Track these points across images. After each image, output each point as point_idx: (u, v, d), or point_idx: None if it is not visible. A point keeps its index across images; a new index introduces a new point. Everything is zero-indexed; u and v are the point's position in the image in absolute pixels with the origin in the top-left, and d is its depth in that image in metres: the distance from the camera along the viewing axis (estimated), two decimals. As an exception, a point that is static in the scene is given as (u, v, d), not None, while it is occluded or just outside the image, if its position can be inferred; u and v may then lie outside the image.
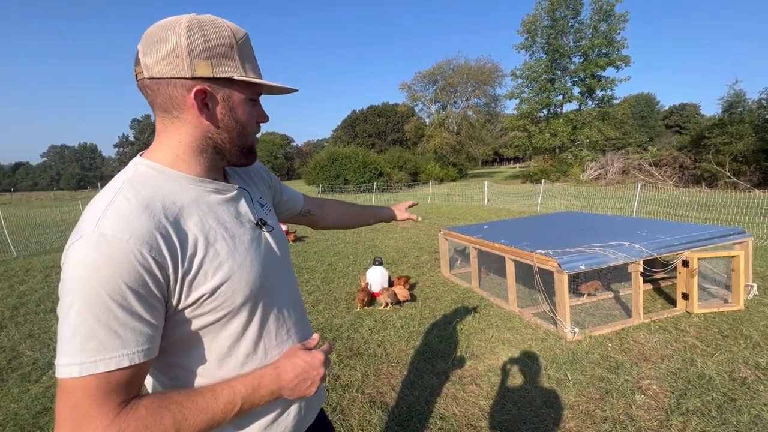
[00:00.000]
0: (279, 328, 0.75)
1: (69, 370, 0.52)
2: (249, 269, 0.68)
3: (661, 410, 2.14)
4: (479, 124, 35.04)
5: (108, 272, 0.53)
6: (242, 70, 0.65)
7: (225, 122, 0.67)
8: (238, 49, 0.65)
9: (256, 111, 0.72)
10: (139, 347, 0.55)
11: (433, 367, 2.71)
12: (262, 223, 0.77)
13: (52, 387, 2.63)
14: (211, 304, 0.63)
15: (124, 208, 0.58)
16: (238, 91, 0.67)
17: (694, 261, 3.23)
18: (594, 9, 25.14)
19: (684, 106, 52.31)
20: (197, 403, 0.59)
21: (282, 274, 0.79)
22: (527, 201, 13.22)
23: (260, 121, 0.74)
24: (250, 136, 0.72)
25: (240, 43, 0.65)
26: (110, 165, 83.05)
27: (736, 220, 7.72)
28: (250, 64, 0.67)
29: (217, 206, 0.69)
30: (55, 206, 21.28)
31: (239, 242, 0.69)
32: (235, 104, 0.67)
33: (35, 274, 5.84)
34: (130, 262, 0.54)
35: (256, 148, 0.75)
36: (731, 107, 18.22)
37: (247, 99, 0.68)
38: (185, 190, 0.66)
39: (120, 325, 0.54)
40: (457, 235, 4.54)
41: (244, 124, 0.69)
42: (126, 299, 0.54)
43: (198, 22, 0.62)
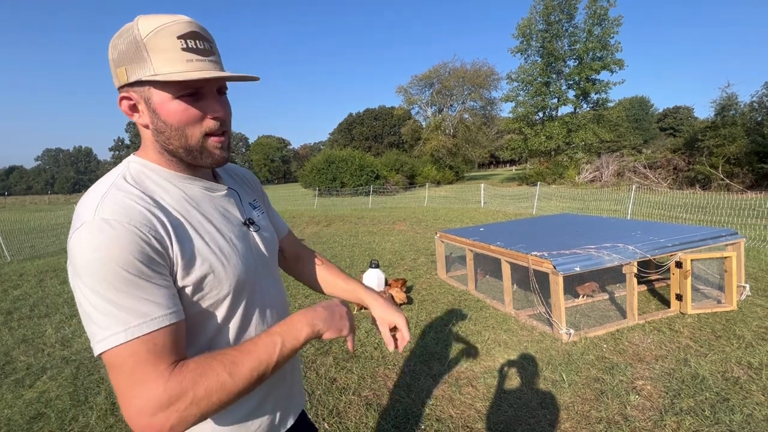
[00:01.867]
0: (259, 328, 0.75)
1: (115, 338, 0.54)
2: (234, 263, 0.69)
3: (656, 410, 2.16)
4: (475, 127, 35.17)
5: (117, 251, 0.55)
6: (152, 69, 0.60)
7: (155, 124, 0.65)
8: (146, 47, 0.59)
9: (200, 106, 0.64)
10: (170, 309, 0.58)
11: (429, 369, 2.71)
12: (249, 222, 0.78)
13: (46, 392, 2.62)
14: (198, 294, 0.65)
15: (119, 198, 0.60)
16: (157, 92, 0.62)
17: (687, 262, 3.26)
18: (588, 13, 25.41)
19: (677, 108, 52.85)
20: (240, 350, 0.61)
21: (268, 275, 0.80)
22: (523, 203, 13.28)
23: (211, 115, 0.65)
24: (189, 135, 0.65)
25: (148, 38, 0.59)
26: (105, 168, 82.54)
27: (728, 221, 7.79)
28: (169, 57, 0.60)
29: (203, 202, 0.70)
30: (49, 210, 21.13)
31: (225, 237, 0.70)
32: (156, 105, 0.63)
33: (29, 278, 5.80)
34: (135, 241, 0.56)
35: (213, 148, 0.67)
36: (724, 110, 18.43)
37: (173, 97, 0.62)
38: (173, 185, 0.68)
39: (146, 292, 0.56)
40: (454, 238, 4.56)
41: (173, 124, 0.63)
42: (142, 271, 0.56)
43: (121, 30, 0.62)
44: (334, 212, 13.46)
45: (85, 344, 3.35)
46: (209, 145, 0.67)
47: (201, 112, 0.65)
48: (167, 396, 0.53)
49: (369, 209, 14.36)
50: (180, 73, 0.60)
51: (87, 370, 2.90)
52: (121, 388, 0.55)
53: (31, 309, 4.38)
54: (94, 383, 2.70)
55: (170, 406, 0.53)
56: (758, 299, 3.60)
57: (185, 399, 0.54)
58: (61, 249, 8.50)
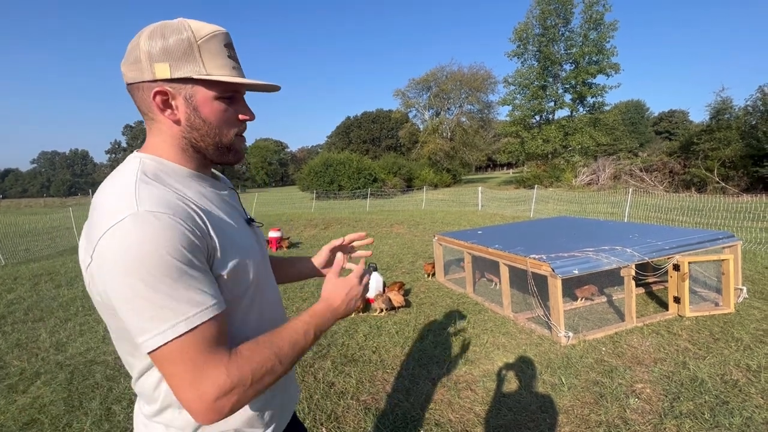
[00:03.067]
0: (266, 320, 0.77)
1: (174, 329, 0.55)
2: (252, 257, 0.73)
3: (655, 414, 2.15)
4: (472, 131, 35.29)
5: (168, 242, 0.55)
6: (204, 69, 0.65)
7: (191, 121, 0.67)
8: (200, 49, 0.64)
9: (235, 108, 0.71)
10: (217, 298, 0.60)
11: (428, 372, 2.70)
12: (251, 220, 0.82)
13: (39, 398, 2.58)
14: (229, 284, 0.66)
15: (154, 191, 0.60)
16: (203, 90, 0.66)
17: (684, 265, 3.27)
18: (584, 18, 25.62)
19: (673, 112, 53.22)
20: (282, 335, 0.66)
21: (269, 270, 0.84)
22: (521, 206, 13.31)
23: (242, 118, 0.72)
24: (224, 133, 0.70)
25: (201, 41, 0.64)
26: (102, 171, 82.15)
27: (725, 224, 7.84)
28: (218, 62, 0.66)
29: (215, 200, 0.72)
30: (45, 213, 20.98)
31: (240, 234, 0.73)
32: (199, 103, 0.66)
33: (24, 282, 5.74)
34: (181, 231, 0.57)
35: (240, 146, 0.74)
36: (718, 114, 18.59)
37: (216, 97, 0.67)
38: (190, 182, 0.69)
39: (197, 282, 0.58)
40: (452, 241, 4.55)
41: (213, 123, 0.68)
42: (191, 261, 0.57)
43: (161, 26, 0.65)
44: (331, 215, 13.43)
45: (80, 348, 3.31)
46: (237, 143, 0.73)
47: (235, 116, 0.71)
48: (230, 381, 0.57)
49: (367, 212, 14.34)
50: (229, 77, 0.66)
51: (82, 375, 2.86)
52: (181, 377, 0.56)
53: (25, 313, 4.33)
54: (89, 388, 2.67)
55: (232, 390, 0.57)
56: (755, 302, 3.61)
57: (245, 383, 0.58)
58: (56, 252, 8.44)
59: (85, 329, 3.76)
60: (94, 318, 4.05)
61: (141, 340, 0.56)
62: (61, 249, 8.84)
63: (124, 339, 0.67)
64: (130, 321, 0.56)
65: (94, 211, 0.61)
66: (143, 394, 0.71)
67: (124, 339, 0.67)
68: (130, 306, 0.55)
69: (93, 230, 0.59)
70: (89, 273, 0.61)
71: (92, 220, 0.60)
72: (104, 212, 0.58)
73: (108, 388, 2.66)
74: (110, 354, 3.19)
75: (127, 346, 0.67)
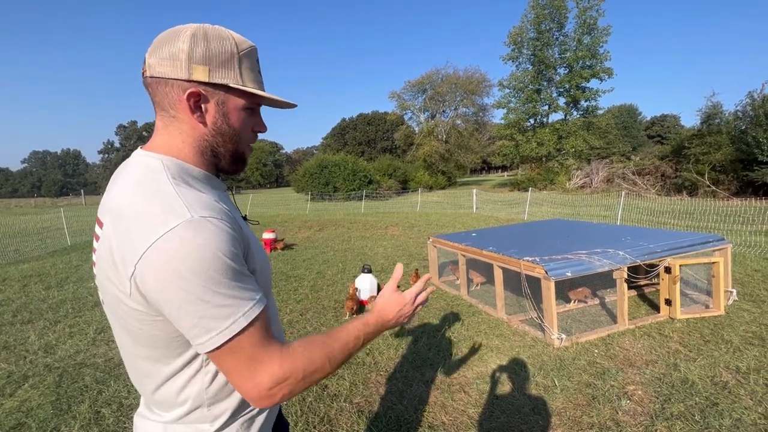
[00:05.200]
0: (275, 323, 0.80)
1: (237, 324, 0.59)
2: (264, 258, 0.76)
3: (647, 415, 2.17)
4: (468, 133, 35.44)
5: (224, 245, 0.59)
6: (240, 79, 0.68)
7: (218, 126, 0.69)
8: (239, 60, 0.68)
9: (253, 120, 0.74)
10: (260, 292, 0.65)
11: (421, 375, 2.69)
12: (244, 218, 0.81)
13: (27, 401, 2.54)
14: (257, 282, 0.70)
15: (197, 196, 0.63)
16: (234, 98, 0.69)
17: (676, 267, 3.31)
18: (578, 23, 25.90)
19: (665, 117, 53.88)
20: (335, 338, 0.71)
21: None
22: (515, 209, 13.38)
23: (256, 130, 0.76)
24: (243, 142, 0.74)
25: (242, 54, 0.69)
26: (94, 171, 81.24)
27: (715, 227, 7.94)
28: (251, 75, 0.70)
29: (227, 201, 0.74)
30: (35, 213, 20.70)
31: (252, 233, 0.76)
32: (230, 110, 0.69)
33: (12, 283, 5.65)
34: (230, 234, 0.61)
35: (248, 158, 0.77)
36: (709, 119, 18.86)
37: (244, 107, 0.70)
38: (208, 185, 0.71)
39: (247, 280, 0.63)
40: (446, 243, 4.56)
41: (237, 130, 0.71)
42: (241, 262, 0.63)
43: (204, 31, 0.66)
44: (326, 217, 13.40)
45: (69, 351, 3.27)
46: (247, 152, 0.76)
47: (253, 127, 0.75)
48: (283, 373, 0.62)
49: (362, 214, 14.33)
50: (261, 92, 0.70)
51: (71, 377, 2.82)
52: (241, 369, 0.61)
53: (13, 315, 4.26)
54: (78, 391, 2.63)
55: (285, 381, 0.62)
56: (745, 304, 3.66)
57: (296, 376, 0.64)
58: (47, 253, 8.32)
59: (74, 331, 3.70)
60: (84, 320, 4.00)
61: (204, 339, 0.59)
62: (51, 250, 8.71)
63: (150, 346, 0.66)
64: (190, 324, 0.58)
65: (130, 221, 0.59)
66: (165, 401, 0.70)
67: (151, 345, 0.65)
68: (191, 309, 0.57)
69: (135, 238, 0.57)
70: (133, 282, 0.58)
71: (130, 228, 0.59)
72: (149, 219, 0.58)
73: (97, 391, 2.62)
74: (100, 356, 3.14)
75: (152, 352, 0.66)
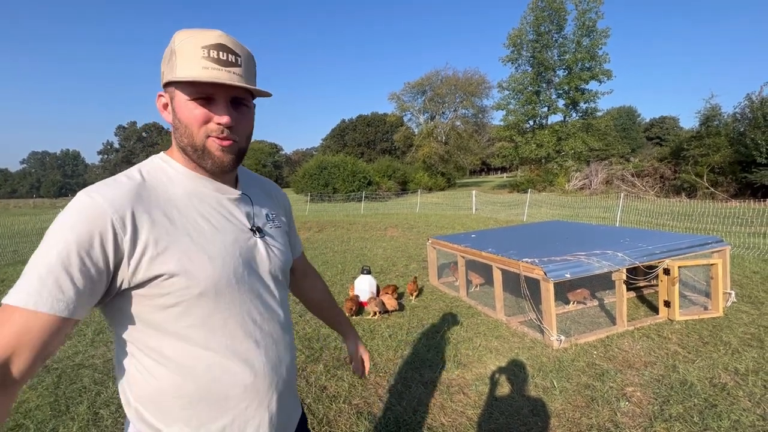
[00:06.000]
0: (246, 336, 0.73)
1: None
2: (218, 262, 0.69)
3: (645, 417, 2.17)
4: (467, 135, 35.48)
5: (74, 224, 0.61)
6: (175, 72, 0.66)
7: (174, 122, 0.71)
8: (177, 53, 0.66)
9: (208, 110, 0.68)
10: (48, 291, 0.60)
11: (420, 376, 2.69)
12: (257, 229, 0.79)
13: (25, 402, 2.53)
14: (170, 287, 0.65)
15: (117, 182, 0.66)
16: (179, 92, 0.68)
17: (674, 269, 3.31)
18: (577, 25, 25.97)
19: (664, 118, 53.95)
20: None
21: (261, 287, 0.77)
22: (514, 210, 13.39)
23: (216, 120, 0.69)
24: (195, 134, 0.69)
25: (178, 45, 0.66)
26: (93, 172, 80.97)
27: (714, 229, 7.95)
28: (189, 63, 0.65)
29: (208, 202, 0.74)
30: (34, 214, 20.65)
31: (218, 239, 0.71)
32: (177, 105, 0.69)
33: (11, 284, 5.60)
34: (92, 223, 0.61)
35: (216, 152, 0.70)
36: (708, 120, 18.90)
37: (190, 98, 0.67)
38: (182, 182, 0.72)
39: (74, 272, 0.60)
40: (446, 244, 4.56)
41: (184, 122, 0.69)
42: (85, 248, 0.61)
43: None
44: (326, 218, 13.40)
45: (68, 352, 3.26)
46: (209, 145, 0.70)
47: (206, 115, 0.69)
48: None
49: (361, 215, 14.33)
50: (189, 76, 0.66)
51: (69, 378, 2.82)
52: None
53: (12, 316, 4.25)
54: (76, 392, 2.62)
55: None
56: (743, 306, 3.66)
57: None
58: (46, 254, 8.29)
59: (73, 332, 3.70)
60: (83, 321, 3.99)
61: None
62: (50, 250, 8.69)
63: None
64: None
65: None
66: None
67: None
68: None
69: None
70: None
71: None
72: None
73: (96, 392, 2.61)
74: (98, 357, 3.14)
75: None
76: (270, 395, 0.76)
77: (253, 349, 0.73)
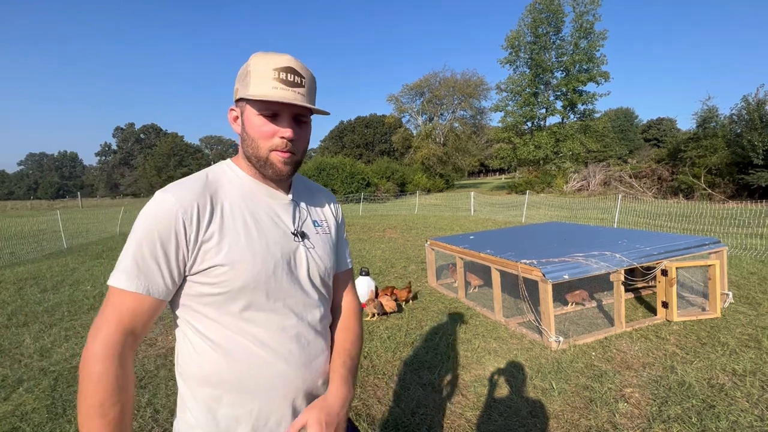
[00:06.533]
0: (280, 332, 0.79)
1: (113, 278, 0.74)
2: (258, 261, 0.77)
3: (644, 418, 2.17)
4: (465, 136, 35.56)
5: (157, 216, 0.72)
6: (248, 90, 0.76)
7: (242, 134, 0.80)
8: (252, 73, 0.76)
9: (274, 125, 0.78)
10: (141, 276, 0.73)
11: (419, 378, 2.69)
12: (300, 234, 0.86)
13: (22, 405, 2.51)
14: (218, 277, 0.74)
15: (187, 182, 0.77)
16: (249, 108, 0.77)
17: (672, 270, 3.32)
18: (575, 27, 26.10)
19: (661, 120, 54.22)
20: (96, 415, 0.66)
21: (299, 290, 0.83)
22: (512, 211, 13.42)
23: (280, 135, 0.78)
24: (260, 146, 0.78)
25: (253, 66, 0.76)
26: (91, 174, 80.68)
27: (711, 230, 7.98)
28: (260, 83, 0.75)
29: (260, 204, 0.82)
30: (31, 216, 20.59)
31: (262, 237, 0.79)
32: (247, 118, 0.78)
33: (8, 286, 5.61)
34: (167, 218, 0.72)
35: (278, 164, 0.79)
36: (705, 122, 18.98)
37: (257, 114, 0.77)
38: (241, 185, 0.82)
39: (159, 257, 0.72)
40: (444, 245, 4.57)
41: (252, 136, 0.78)
42: (167, 238, 0.72)
43: None
44: (324, 219, 13.35)
45: (65, 354, 3.24)
46: (273, 157, 0.79)
47: (273, 130, 0.78)
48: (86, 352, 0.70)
49: (360, 216, 14.33)
50: (260, 94, 0.75)
51: (66, 381, 2.80)
52: None
53: (8, 318, 4.23)
54: (73, 395, 2.61)
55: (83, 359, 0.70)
56: (741, 306, 3.67)
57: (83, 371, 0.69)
58: (43, 256, 8.27)
59: (70, 334, 3.68)
60: (80, 323, 3.98)
61: None
62: (47, 252, 8.66)
63: None
64: None
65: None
66: None
67: None
68: None
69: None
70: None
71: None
72: None
73: (93, 395, 2.60)
74: (96, 360, 3.12)
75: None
76: (295, 391, 0.80)
77: (284, 345, 0.79)
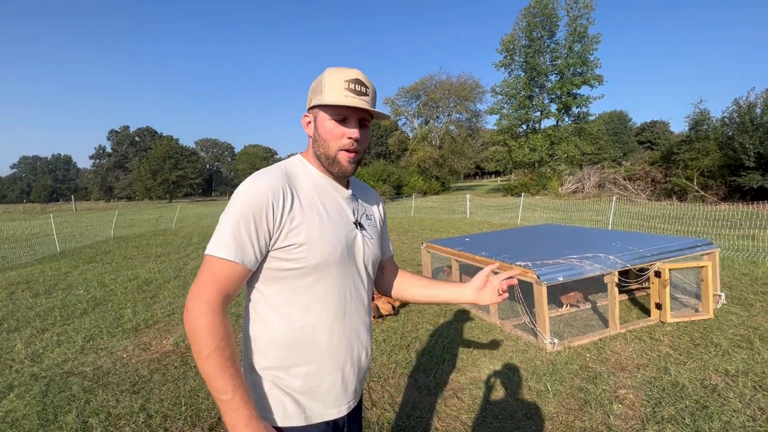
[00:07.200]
0: (338, 307, 0.92)
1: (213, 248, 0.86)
2: (330, 243, 0.89)
3: (638, 419, 2.18)
4: (461, 139, 35.70)
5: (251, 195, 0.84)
6: (322, 98, 0.88)
7: (315, 135, 0.93)
8: (325, 84, 0.89)
9: (342, 128, 0.90)
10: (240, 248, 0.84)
11: (414, 381, 2.69)
12: (359, 224, 0.99)
13: (12, 411, 2.48)
14: (297, 254, 0.86)
15: (272, 171, 0.90)
16: (321, 113, 0.91)
17: (666, 271, 3.35)
18: (569, 30, 26.35)
19: (654, 123, 54.72)
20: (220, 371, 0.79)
21: (355, 272, 0.96)
22: (508, 214, 13.47)
23: (347, 135, 0.90)
24: (330, 146, 0.91)
25: (327, 80, 0.89)
26: (85, 177, 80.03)
27: (704, 231, 8.06)
28: (332, 91, 0.88)
29: (328, 196, 0.95)
30: (24, 219, 20.38)
31: (332, 224, 0.91)
32: (319, 122, 0.92)
33: (1, 290, 5.55)
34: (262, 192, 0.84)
35: (345, 162, 0.91)
36: (697, 125, 19.19)
37: (329, 118, 0.90)
38: (311, 177, 0.95)
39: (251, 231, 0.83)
40: (440, 248, 4.57)
41: (323, 137, 0.91)
42: (260, 216, 0.83)
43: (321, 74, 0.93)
44: (320, 222, 13.31)
45: (57, 360, 3.21)
46: (340, 156, 0.91)
47: (342, 132, 0.90)
48: (189, 314, 0.81)
49: (356, 219, 14.27)
50: (335, 101, 0.87)
51: (58, 387, 2.77)
52: None
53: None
54: (65, 401, 2.58)
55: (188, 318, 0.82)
56: (733, 307, 3.71)
57: (191, 325, 0.81)
58: (35, 260, 8.18)
59: (62, 339, 3.64)
60: (73, 328, 3.93)
61: None
62: (40, 256, 8.57)
63: None
64: None
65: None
66: None
67: None
68: None
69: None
70: None
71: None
72: None
73: (85, 401, 2.57)
74: (88, 365, 3.09)
75: None
76: (344, 360, 0.94)
77: (340, 319, 0.92)
